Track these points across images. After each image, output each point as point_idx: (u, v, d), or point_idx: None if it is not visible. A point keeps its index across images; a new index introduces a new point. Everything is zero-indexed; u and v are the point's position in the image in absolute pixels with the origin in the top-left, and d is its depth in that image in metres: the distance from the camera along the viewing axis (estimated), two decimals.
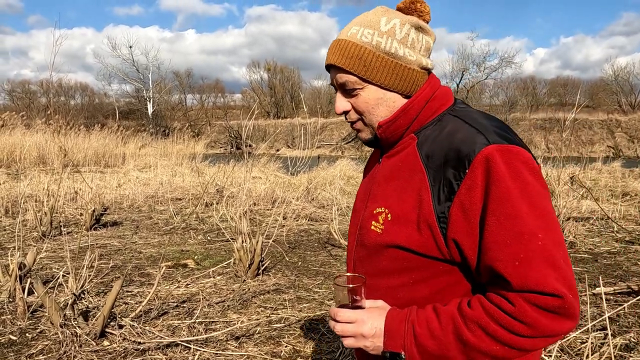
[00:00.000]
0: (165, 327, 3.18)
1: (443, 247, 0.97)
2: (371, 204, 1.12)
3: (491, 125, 0.99)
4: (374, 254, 1.08)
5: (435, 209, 0.97)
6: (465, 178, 0.93)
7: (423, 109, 1.08)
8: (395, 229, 1.02)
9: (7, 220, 6.65)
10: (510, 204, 0.89)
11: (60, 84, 43.97)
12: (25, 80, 48.52)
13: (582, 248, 5.39)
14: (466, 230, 0.94)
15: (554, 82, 50.39)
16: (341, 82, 1.08)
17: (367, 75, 1.04)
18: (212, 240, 5.89)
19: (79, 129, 16.72)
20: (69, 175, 9.31)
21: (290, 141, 34.15)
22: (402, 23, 1.06)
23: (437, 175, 0.98)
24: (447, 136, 1.01)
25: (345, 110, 1.11)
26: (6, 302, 3.53)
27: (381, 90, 1.07)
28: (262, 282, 4.21)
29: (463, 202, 0.94)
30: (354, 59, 1.04)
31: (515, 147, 0.94)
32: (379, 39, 1.04)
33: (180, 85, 49.76)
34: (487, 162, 0.91)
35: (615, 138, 33.00)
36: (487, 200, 0.91)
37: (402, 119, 1.08)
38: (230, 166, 10.18)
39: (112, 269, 4.53)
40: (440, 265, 1.00)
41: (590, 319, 3.11)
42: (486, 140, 0.94)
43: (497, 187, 0.90)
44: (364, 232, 1.12)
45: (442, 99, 1.10)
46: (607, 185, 10.73)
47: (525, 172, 0.92)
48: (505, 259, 0.89)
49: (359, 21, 1.07)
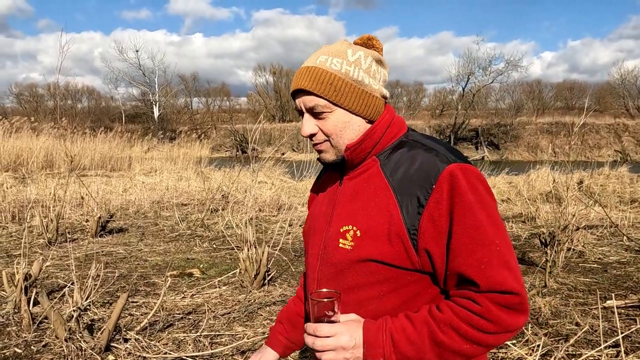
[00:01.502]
0: (171, 340, 3.15)
1: (414, 257, 1.05)
2: (336, 223, 1.17)
3: (445, 148, 1.12)
4: (343, 271, 1.13)
5: (405, 222, 1.05)
6: (433, 192, 1.03)
7: (384, 133, 1.17)
8: (366, 243, 1.09)
9: (13, 226, 6.66)
10: (473, 215, 1.01)
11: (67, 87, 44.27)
12: (32, 84, 48.89)
13: (591, 258, 5.32)
14: (436, 239, 1.03)
15: (561, 86, 50.16)
16: (311, 106, 1.14)
17: (337, 99, 1.12)
18: (218, 248, 5.87)
19: (85, 133, 16.78)
20: (75, 179, 9.32)
21: (296, 145, 34.17)
22: (366, 55, 1.16)
23: (403, 192, 1.07)
24: (410, 158, 1.11)
25: (313, 132, 1.16)
26: (11, 313, 3.52)
27: (348, 114, 1.14)
28: (267, 292, 4.18)
29: (432, 214, 1.03)
30: (325, 84, 1.11)
31: (470, 165, 1.07)
32: (348, 68, 1.13)
33: (186, 88, 49.96)
34: (451, 178, 1.02)
35: (622, 142, 32.77)
36: (452, 212, 1.02)
37: (367, 142, 1.15)
38: (236, 171, 10.18)
39: (117, 278, 4.51)
40: (409, 275, 1.08)
41: (602, 334, 3.05)
42: (447, 160, 1.06)
43: (461, 200, 1.01)
44: (330, 251, 1.17)
45: (399, 125, 1.20)
46: (615, 191, 10.63)
47: (480, 186, 1.05)
48: (472, 264, 1.00)
49: (326, 51, 1.15)
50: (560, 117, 36.18)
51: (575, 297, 4.06)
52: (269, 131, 37.68)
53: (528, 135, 35.11)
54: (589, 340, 3.17)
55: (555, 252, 4.78)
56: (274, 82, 50.76)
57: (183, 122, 43.99)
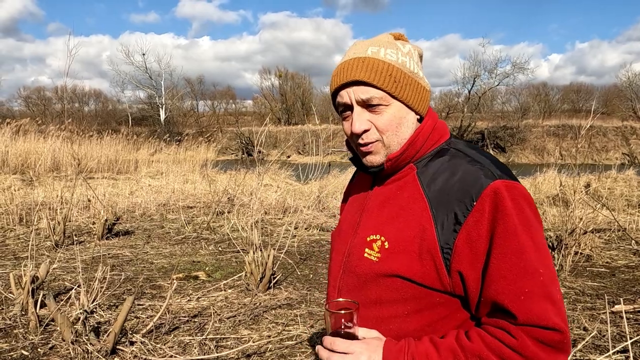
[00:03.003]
0: (177, 343, 3.15)
1: (445, 277, 0.97)
2: (362, 231, 1.10)
3: (491, 161, 1.02)
4: (366, 283, 1.05)
5: (439, 239, 0.96)
6: (473, 210, 0.94)
7: (427, 139, 1.08)
8: (394, 257, 1.01)
9: (21, 228, 6.70)
10: (516, 239, 0.91)
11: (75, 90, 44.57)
12: (40, 87, 49.29)
13: (598, 262, 5.28)
14: (471, 262, 0.95)
15: (567, 89, 49.90)
16: (366, 97, 1.03)
17: (396, 91, 1.03)
18: (224, 250, 5.88)
19: (92, 135, 16.88)
20: (82, 182, 9.38)
21: (301, 148, 34.19)
22: (414, 48, 1.10)
23: (439, 206, 0.99)
24: (450, 168, 1.02)
25: (366, 129, 1.05)
26: (19, 315, 3.54)
27: (405, 109, 1.06)
28: (273, 296, 4.18)
29: (470, 234, 0.94)
30: (384, 75, 1.02)
31: (518, 183, 0.97)
32: (404, 59, 1.05)
33: (192, 91, 50.17)
34: (495, 196, 0.93)
35: (630, 145, 32.53)
36: (493, 234, 0.93)
37: (409, 151, 1.07)
38: (242, 174, 10.20)
39: (123, 280, 4.52)
40: (438, 296, 0.99)
41: (611, 339, 3.03)
42: (492, 175, 0.96)
43: (505, 222, 0.92)
44: (354, 260, 1.09)
45: (441, 131, 1.11)
46: (623, 195, 10.54)
47: (527, 208, 0.95)
48: (511, 293, 0.91)
49: (374, 42, 1.07)
50: (567, 120, 35.97)
51: (583, 301, 4.03)
52: (274, 134, 37.74)
53: (534, 137, 34.94)
54: (597, 346, 3.14)
55: (563, 256, 4.75)
56: (279, 85, 50.86)
57: (189, 125, 44.17)
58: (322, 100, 51.17)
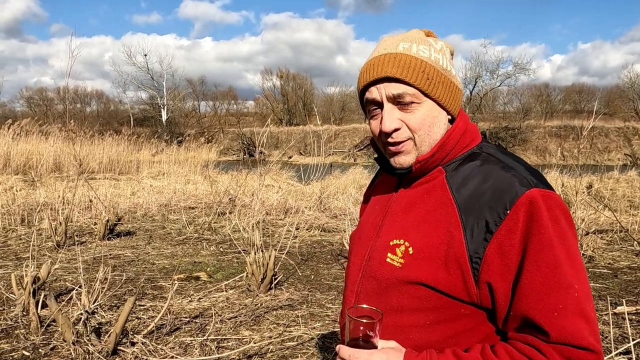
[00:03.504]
0: (178, 344, 3.15)
1: (473, 289, 0.92)
2: (385, 235, 1.05)
3: (525, 168, 0.97)
4: (387, 289, 1.01)
5: (468, 248, 0.92)
6: (505, 219, 0.89)
7: (458, 142, 1.03)
8: (418, 264, 0.96)
9: (23, 229, 6.71)
10: (551, 252, 0.87)
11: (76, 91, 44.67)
12: (42, 88, 49.39)
13: (601, 262, 5.26)
14: (502, 273, 0.90)
15: (569, 89, 49.83)
16: (397, 93, 0.98)
17: (429, 89, 0.98)
18: (225, 251, 5.88)
19: (93, 136, 16.90)
20: (84, 183, 9.39)
21: (303, 148, 34.19)
22: (446, 45, 1.05)
23: (469, 212, 0.94)
24: (481, 174, 0.97)
25: (397, 127, 1.00)
26: (20, 315, 3.54)
27: (437, 108, 1.01)
28: (274, 296, 4.17)
29: (502, 244, 0.89)
30: (417, 72, 0.98)
31: (554, 193, 0.92)
32: (437, 55, 1.01)
33: (193, 92, 50.23)
34: (530, 206, 0.88)
35: (632, 146, 32.47)
36: (527, 246, 0.88)
37: (439, 154, 1.02)
38: (243, 175, 10.20)
39: (125, 281, 4.52)
40: (463, 307, 0.95)
41: (613, 340, 3.01)
42: (528, 183, 0.91)
43: (540, 233, 0.87)
44: (374, 264, 1.04)
45: (472, 134, 1.06)
46: (625, 195, 10.52)
47: (563, 219, 0.90)
48: (543, 309, 0.86)
49: (405, 38, 1.03)
50: (569, 121, 35.91)
51: None
52: (276, 134, 37.75)
53: (536, 138, 34.90)
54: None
55: None
56: (281, 85, 50.89)
57: (191, 126, 44.21)
58: (324, 101, 51.24)
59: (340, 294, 4.29)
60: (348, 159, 31.62)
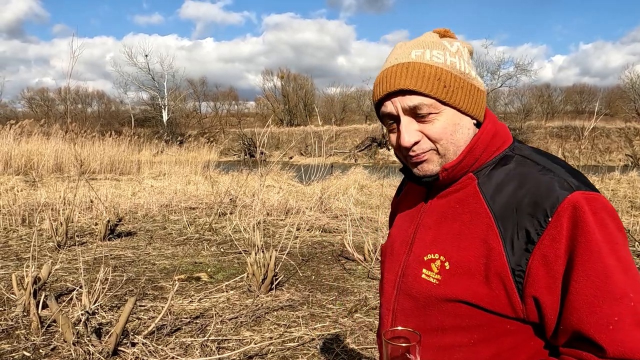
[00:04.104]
0: (178, 345, 3.15)
1: (517, 304, 0.86)
2: (418, 249, 1.00)
3: (565, 169, 0.90)
4: (425, 308, 0.95)
5: (509, 260, 0.86)
6: (548, 227, 0.83)
7: (488, 146, 0.97)
8: (457, 280, 0.90)
9: (23, 229, 6.71)
10: (600, 260, 0.81)
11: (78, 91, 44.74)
12: (43, 88, 49.46)
13: None
14: (548, 286, 0.84)
15: (570, 90, 49.81)
16: (413, 105, 0.93)
17: (447, 97, 0.93)
18: (226, 252, 5.87)
19: (94, 136, 16.92)
20: (85, 183, 9.40)
21: (304, 149, 34.20)
22: (462, 46, 0.99)
23: (507, 221, 0.87)
24: (517, 178, 0.91)
25: (417, 140, 0.95)
26: (20, 316, 3.54)
27: (458, 114, 0.95)
28: (275, 297, 4.17)
29: (546, 255, 0.83)
30: (432, 81, 0.92)
31: (599, 194, 0.86)
32: (452, 59, 0.95)
33: (194, 92, 50.29)
34: (574, 211, 0.82)
35: (633, 146, 32.44)
36: (573, 254, 0.82)
37: (467, 160, 0.96)
38: (244, 175, 10.21)
39: (125, 282, 4.52)
40: (508, 323, 0.88)
41: None
42: (569, 186, 0.85)
43: (586, 240, 0.81)
44: (410, 281, 0.99)
45: (503, 136, 1.00)
46: (627, 196, 10.51)
47: (611, 223, 0.84)
48: (597, 322, 0.80)
49: (417, 44, 0.97)
50: (570, 121, 35.89)
51: None
52: (277, 135, 37.77)
53: (537, 139, 34.87)
54: None
55: None
56: (282, 86, 50.92)
57: (192, 126, 44.28)
58: (325, 101, 51.26)
59: (341, 294, 4.29)
60: (349, 159, 31.63)
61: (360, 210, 8.47)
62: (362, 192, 11.39)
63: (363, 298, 4.17)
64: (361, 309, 3.91)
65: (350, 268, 5.19)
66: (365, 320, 3.67)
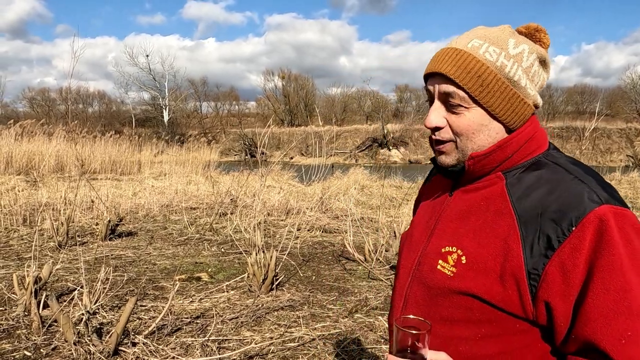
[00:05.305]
0: (179, 345, 3.15)
1: (529, 306, 0.88)
2: (437, 240, 1.01)
3: (597, 181, 0.89)
4: (437, 298, 0.97)
5: (526, 263, 0.86)
6: (570, 236, 0.83)
7: (521, 148, 0.97)
8: (472, 275, 0.92)
9: (24, 229, 6.72)
10: (622, 275, 0.81)
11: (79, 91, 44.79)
12: (45, 88, 49.53)
13: None
14: (562, 293, 0.85)
15: (571, 90, 49.78)
16: (446, 92, 0.94)
17: (480, 96, 0.92)
18: (226, 252, 5.88)
19: (95, 136, 16.93)
20: (86, 183, 9.41)
21: (304, 149, 34.21)
22: (531, 51, 0.96)
23: (530, 225, 0.88)
24: (547, 184, 0.91)
25: (439, 126, 0.97)
26: (21, 316, 3.55)
27: (487, 117, 0.95)
28: (275, 297, 4.17)
29: (564, 263, 0.84)
30: (471, 74, 0.92)
31: (628, 211, 0.86)
32: (505, 62, 0.93)
33: (195, 93, 50.33)
34: (600, 224, 0.82)
35: (634, 147, 32.39)
36: (593, 266, 0.82)
37: (497, 154, 0.96)
38: (245, 175, 10.21)
39: (126, 281, 4.53)
40: (518, 323, 0.90)
41: None
42: (598, 199, 0.84)
43: (610, 254, 0.81)
44: (425, 270, 1.00)
45: (539, 141, 0.99)
46: (628, 197, 10.51)
47: (636, 240, 0.84)
48: (610, 335, 0.81)
49: (482, 34, 0.96)
50: (571, 122, 35.87)
51: None
52: (277, 135, 37.78)
53: None
54: None
55: None
56: (282, 86, 50.95)
57: (192, 126, 44.30)
58: (326, 101, 51.26)
59: (341, 294, 4.29)
60: (349, 159, 31.62)
61: (360, 211, 8.47)
62: (362, 193, 11.40)
63: (363, 298, 4.17)
64: (362, 309, 3.91)
65: (350, 268, 5.20)
66: (365, 320, 3.67)
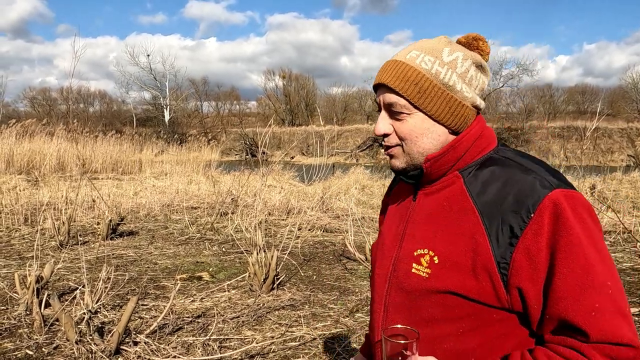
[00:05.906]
0: (180, 344, 3.16)
1: (503, 294, 0.92)
2: (408, 244, 1.05)
3: (545, 169, 0.96)
4: (416, 301, 1.00)
5: (495, 254, 0.91)
6: (530, 222, 0.89)
7: (471, 146, 1.03)
8: (446, 273, 0.96)
9: (26, 228, 6.73)
10: (581, 252, 0.87)
11: (80, 91, 44.82)
12: (46, 88, 49.57)
13: None
14: (531, 277, 0.90)
15: (572, 90, 49.74)
16: (389, 102, 1.02)
17: (419, 102, 0.99)
18: (227, 251, 5.88)
19: (96, 136, 16.95)
20: (87, 183, 9.42)
21: (305, 149, 34.21)
22: (465, 58, 1.02)
23: (492, 218, 0.93)
24: (501, 178, 0.96)
25: (386, 133, 1.04)
26: (23, 315, 3.56)
27: (429, 121, 1.01)
28: (276, 297, 4.18)
29: (529, 248, 0.89)
30: (408, 83, 0.99)
31: (577, 192, 0.92)
32: (439, 69, 1.00)
33: (196, 92, 50.33)
34: (555, 207, 0.88)
35: (635, 147, 32.34)
36: (555, 248, 0.88)
37: (450, 155, 1.02)
38: (246, 175, 10.21)
39: (127, 281, 4.54)
40: (495, 313, 0.94)
41: None
42: (549, 184, 0.91)
43: (568, 234, 0.87)
44: (401, 275, 1.04)
45: (489, 139, 1.05)
46: (629, 197, 10.50)
47: (589, 218, 0.90)
48: (580, 310, 0.86)
49: (420, 46, 1.03)
50: (572, 122, 35.82)
51: None
52: (278, 135, 37.77)
53: (539, 139, 34.81)
54: None
55: None
56: (283, 86, 50.94)
57: (193, 126, 44.29)
58: (326, 101, 51.27)
59: (342, 294, 4.29)
60: (350, 159, 31.61)
61: (361, 210, 8.47)
62: (363, 192, 11.40)
63: (364, 298, 4.18)
64: (362, 308, 3.92)
65: (351, 268, 5.20)
66: (366, 320, 3.68)
